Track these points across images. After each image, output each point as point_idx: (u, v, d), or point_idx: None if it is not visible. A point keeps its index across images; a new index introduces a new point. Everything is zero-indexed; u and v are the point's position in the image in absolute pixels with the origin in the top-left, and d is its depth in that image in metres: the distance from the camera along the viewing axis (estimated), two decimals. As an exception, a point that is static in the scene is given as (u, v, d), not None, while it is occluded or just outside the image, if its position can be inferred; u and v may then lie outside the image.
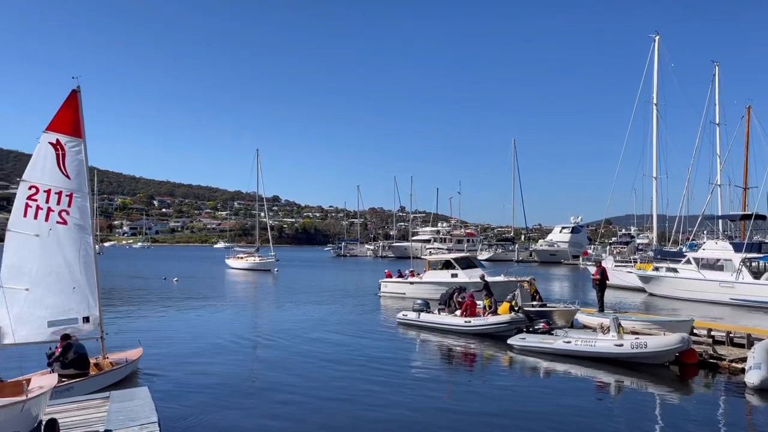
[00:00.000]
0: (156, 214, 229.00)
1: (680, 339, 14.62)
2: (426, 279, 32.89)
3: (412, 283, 33.41)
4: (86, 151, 12.76)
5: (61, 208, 12.39)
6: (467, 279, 29.61)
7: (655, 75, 42.53)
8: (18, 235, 12.07)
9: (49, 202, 12.26)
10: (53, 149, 12.29)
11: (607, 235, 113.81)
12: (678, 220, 47.37)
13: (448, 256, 36.45)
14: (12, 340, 11.76)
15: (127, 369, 13.48)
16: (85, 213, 12.75)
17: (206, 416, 10.59)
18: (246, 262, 64.46)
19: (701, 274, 31.24)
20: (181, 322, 23.22)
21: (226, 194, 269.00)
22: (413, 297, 30.77)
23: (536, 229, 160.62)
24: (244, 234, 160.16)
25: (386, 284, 34.58)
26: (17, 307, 11.82)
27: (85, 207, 12.72)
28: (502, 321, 19.08)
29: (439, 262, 33.84)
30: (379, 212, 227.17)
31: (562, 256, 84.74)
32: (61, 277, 12.38)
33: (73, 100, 12.64)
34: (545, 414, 11.04)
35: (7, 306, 11.58)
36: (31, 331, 12.06)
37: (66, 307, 12.32)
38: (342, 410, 11.21)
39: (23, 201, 12.14)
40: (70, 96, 12.62)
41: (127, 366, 13.41)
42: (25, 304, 11.92)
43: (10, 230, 12.13)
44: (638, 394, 13.00)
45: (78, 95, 12.70)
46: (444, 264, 32.93)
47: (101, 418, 7.88)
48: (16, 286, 11.83)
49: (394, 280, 34.57)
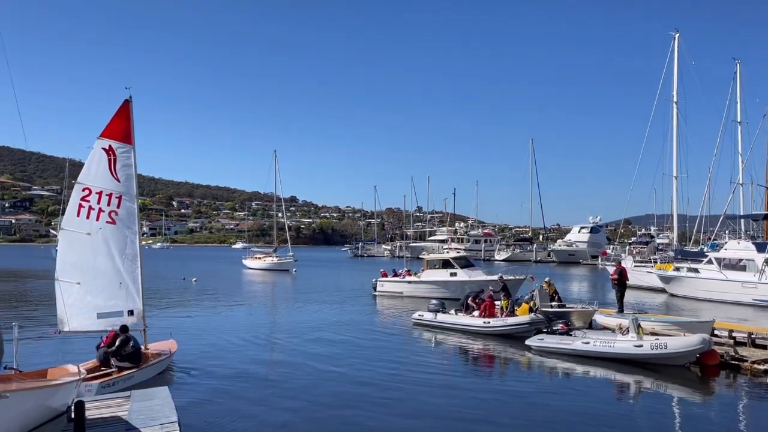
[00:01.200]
0: (175, 214, 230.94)
1: (701, 340, 14.47)
2: (424, 278, 33.42)
3: (410, 282, 33.91)
4: (135, 157, 13.76)
5: (111, 209, 13.46)
6: (467, 278, 31.03)
7: (675, 73, 42.03)
8: (71, 233, 13.17)
9: (100, 203, 13.32)
10: (106, 154, 13.34)
11: (627, 235, 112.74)
12: (699, 220, 46.78)
13: (446, 256, 37.18)
14: (67, 329, 13.14)
15: (169, 360, 14.31)
16: (132, 214, 13.81)
17: (225, 413, 10.69)
18: (264, 262, 64.93)
19: (723, 275, 30.84)
20: (202, 321, 23.40)
21: (244, 195, 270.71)
22: (411, 296, 32.10)
23: (554, 229, 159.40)
24: (262, 234, 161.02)
25: (383, 283, 34.84)
26: (71, 299, 13.04)
27: (132, 209, 13.78)
28: (522, 322, 19.00)
29: (437, 261, 34.29)
30: (396, 212, 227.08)
31: (581, 257, 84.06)
32: (109, 273, 13.47)
33: (125, 109, 13.63)
34: (565, 415, 10.99)
35: (63, 298, 12.85)
36: (83, 321, 13.25)
37: (113, 300, 13.42)
38: (364, 414, 11.21)
39: (77, 201, 13.18)
40: (122, 105, 13.58)
41: (169, 357, 14.32)
42: (77, 296, 13.08)
43: (64, 229, 13.29)
44: (658, 396, 12.89)
45: (130, 105, 13.69)
46: (442, 263, 33.50)
47: (122, 417, 7.99)
48: (69, 280, 13.00)
49: (391, 279, 35.00)
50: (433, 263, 34.07)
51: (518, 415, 11.08)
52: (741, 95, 43.47)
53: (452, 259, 33.73)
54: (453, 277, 31.85)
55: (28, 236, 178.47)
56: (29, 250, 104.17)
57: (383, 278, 35.28)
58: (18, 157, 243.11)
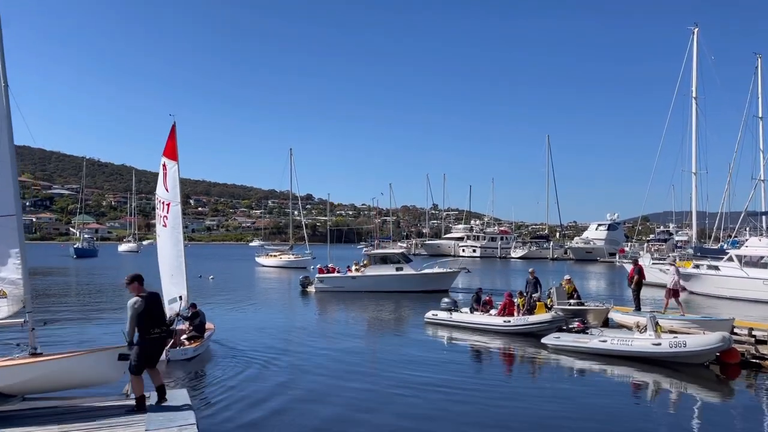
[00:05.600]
0: (192, 212, 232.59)
1: (721, 338, 14.23)
2: (368, 273, 34.47)
3: (354, 277, 34.58)
4: (179, 170, 16.19)
5: (164, 214, 16.25)
6: (412, 271, 34.00)
7: (694, 68, 41.48)
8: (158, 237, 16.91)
9: (162, 210, 16.31)
10: (162, 170, 16.22)
11: (645, 232, 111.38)
12: (719, 217, 46.19)
13: (386, 251, 39.02)
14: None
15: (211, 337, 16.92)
16: (177, 217, 16.31)
17: (244, 415, 10.73)
18: (279, 260, 64.88)
19: (743, 272, 30.40)
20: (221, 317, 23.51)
21: (260, 193, 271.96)
22: (355, 291, 33.30)
23: (571, 227, 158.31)
24: (279, 232, 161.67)
25: (322, 279, 35.07)
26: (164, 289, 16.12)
27: (177, 212, 16.27)
28: (543, 320, 18.83)
29: (378, 256, 35.73)
30: (411, 210, 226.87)
31: (599, 254, 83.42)
32: (166, 266, 16.43)
33: (172, 132, 16.22)
34: (582, 414, 10.89)
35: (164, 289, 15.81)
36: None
37: (170, 287, 16.07)
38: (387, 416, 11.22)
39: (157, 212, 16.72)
40: (171, 129, 16.20)
41: (212, 333, 17.00)
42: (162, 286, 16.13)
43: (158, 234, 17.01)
44: (677, 395, 12.73)
45: (175, 128, 16.23)
46: (381, 258, 35.27)
47: (141, 419, 8.04)
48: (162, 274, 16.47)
49: (332, 276, 35.55)
50: (374, 258, 35.58)
51: (536, 413, 10.97)
52: (762, 90, 42.85)
53: (393, 254, 36.20)
54: (399, 272, 33.88)
55: (48, 234, 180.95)
56: (50, 248, 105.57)
57: (321, 274, 35.63)
58: (38, 156, 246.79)
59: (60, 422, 7.93)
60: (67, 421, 7.97)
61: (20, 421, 8.00)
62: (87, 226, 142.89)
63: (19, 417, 8.19)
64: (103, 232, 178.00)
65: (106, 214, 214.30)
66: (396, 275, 33.90)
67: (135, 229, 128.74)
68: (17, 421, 7.98)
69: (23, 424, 7.83)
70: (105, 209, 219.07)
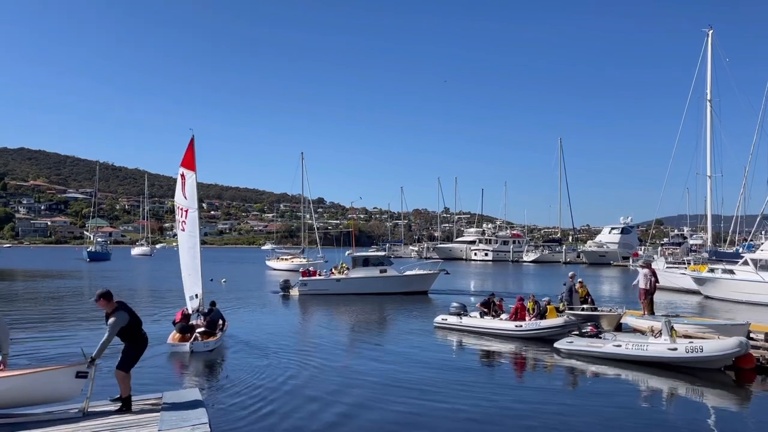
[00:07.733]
0: (205, 216, 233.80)
1: (738, 343, 14.04)
2: (353, 275, 34.86)
3: (338, 280, 34.83)
4: (196, 179, 17.57)
5: (183, 219, 17.86)
6: (396, 273, 34.70)
7: (708, 70, 41.11)
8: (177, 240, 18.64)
9: (181, 216, 17.87)
10: (181, 179, 17.64)
11: (659, 235, 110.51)
12: (735, 220, 45.70)
13: (366, 254, 39.78)
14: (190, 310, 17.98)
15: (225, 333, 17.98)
16: (194, 222, 17.89)
17: (257, 418, 10.75)
18: (290, 263, 64.85)
19: (759, 276, 30.03)
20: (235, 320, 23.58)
21: (272, 196, 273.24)
22: (339, 293, 33.56)
23: (584, 230, 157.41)
24: (290, 236, 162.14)
25: (305, 283, 35.02)
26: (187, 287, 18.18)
27: (195, 218, 17.83)
28: (555, 324, 18.69)
29: (360, 259, 36.33)
30: (423, 213, 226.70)
31: (612, 258, 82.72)
32: (185, 267, 18.15)
33: (191, 144, 17.76)
34: (597, 420, 10.76)
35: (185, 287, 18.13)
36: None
37: (188, 286, 17.88)
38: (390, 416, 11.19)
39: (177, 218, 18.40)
40: (190, 142, 17.76)
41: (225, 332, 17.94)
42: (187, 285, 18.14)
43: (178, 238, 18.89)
44: (694, 401, 12.55)
45: (193, 141, 17.81)
46: (363, 261, 35.89)
47: (154, 418, 8.06)
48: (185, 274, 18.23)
49: (316, 279, 35.59)
50: (358, 260, 36.11)
51: (551, 418, 10.87)
52: (778, 92, 42.25)
53: (373, 257, 37.18)
54: (383, 274, 34.43)
55: (63, 238, 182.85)
56: (64, 252, 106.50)
57: (305, 278, 35.57)
58: (54, 160, 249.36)
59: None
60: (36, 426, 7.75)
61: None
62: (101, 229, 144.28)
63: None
64: (117, 235, 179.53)
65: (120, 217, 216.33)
66: (380, 277, 34.41)
67: (148, 233, 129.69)
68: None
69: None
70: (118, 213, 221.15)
